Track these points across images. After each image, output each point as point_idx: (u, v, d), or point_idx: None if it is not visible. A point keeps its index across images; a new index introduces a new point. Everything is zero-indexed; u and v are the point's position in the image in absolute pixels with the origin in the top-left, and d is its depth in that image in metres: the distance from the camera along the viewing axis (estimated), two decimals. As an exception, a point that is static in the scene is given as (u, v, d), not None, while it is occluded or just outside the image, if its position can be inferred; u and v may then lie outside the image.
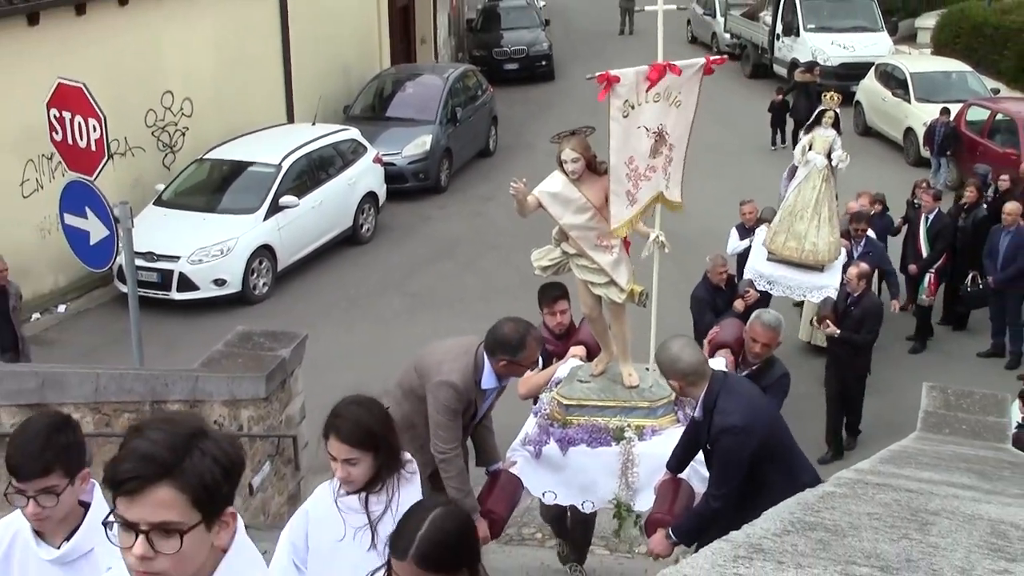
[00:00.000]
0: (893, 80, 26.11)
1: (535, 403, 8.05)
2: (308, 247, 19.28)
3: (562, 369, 8.14)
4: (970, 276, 15.70)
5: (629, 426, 7.38)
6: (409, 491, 4.91)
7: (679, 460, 6.96)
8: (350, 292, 18.51)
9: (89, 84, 11.48)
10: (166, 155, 20.55)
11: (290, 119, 23.72)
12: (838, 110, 14.77)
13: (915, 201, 16.39)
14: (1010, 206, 15.02)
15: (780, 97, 25.58)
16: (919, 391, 10.25)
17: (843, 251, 14.20)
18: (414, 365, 7.13)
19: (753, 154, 24.49)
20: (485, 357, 6.83)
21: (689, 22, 38.62)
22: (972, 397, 9.80)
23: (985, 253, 15.17)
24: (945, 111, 22.52)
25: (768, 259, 14.17)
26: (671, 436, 7.24)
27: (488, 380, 6.85)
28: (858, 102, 27.14)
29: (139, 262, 14.26)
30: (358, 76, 26.64)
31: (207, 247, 17.53)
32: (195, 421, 2.95)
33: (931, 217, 15.70)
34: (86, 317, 17.50)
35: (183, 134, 20.85)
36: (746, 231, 14.91)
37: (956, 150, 22.36)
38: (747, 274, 13.87)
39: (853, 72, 28.02)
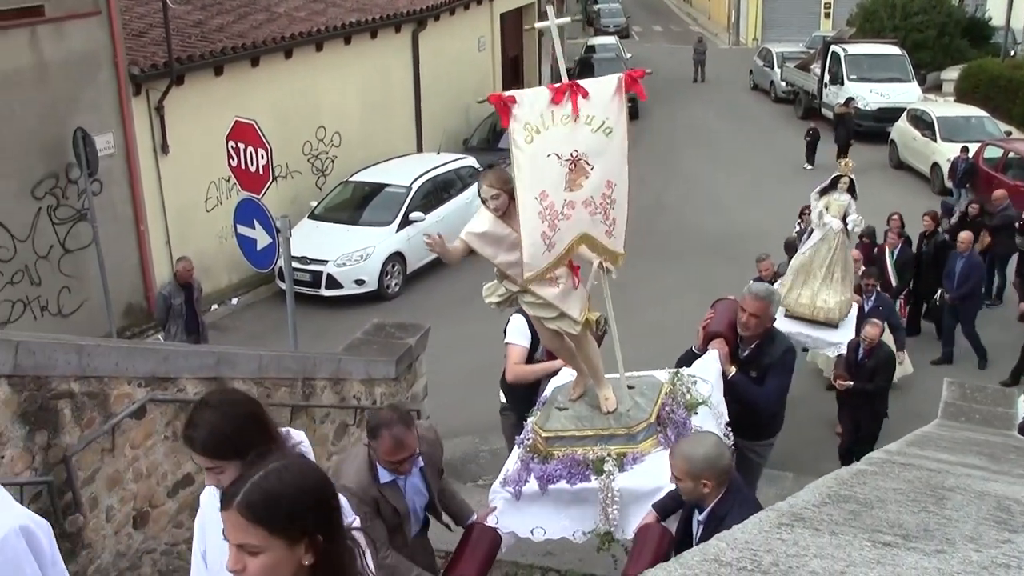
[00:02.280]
0: (922, 123, 25.78)
1: (520, 432, 6.29)
2: (432, 254, 19.30)
3: (550, 385, 6.69)
4: (938, 292, 15.07)
5: (609, 455, 5.74)
6: None
7: (666, 508, 5.53)
8: (466, 292, 18.45)
9: (259, 121, 11.72)
10: (318, 178, 20.84)
11: (419, 149, 23.95)
12: (852, 176, 13.27)
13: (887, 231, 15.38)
14: (964, 235, 14.45)
15: (812, 127, 27.22)
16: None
17: (854, 306, 12.79)
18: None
19: (801, 176, 24.47)
20: None
21: (751, 72, 38.33)
22: (985, 391, 9.56)
23: (945, 274, 14.60)
24: (965, 149, 22.30)
25: (784, 316, 12.40)
26: (653, 462, 5.72)
27: (384, 473, 5.17)
28: (892, 141, 26.92)
29: (295, 265, 14.47)
30: (475, 114, 26.72)
31: (350, 253, 17.76)
32: None
33: (896, 252, 14.93)
34: (253, 308, 17.83)
35: (332, 161, 21.13)
36: None
37: (974, 182, 21.99)
38: None
39: (888, 115, 27.85)
